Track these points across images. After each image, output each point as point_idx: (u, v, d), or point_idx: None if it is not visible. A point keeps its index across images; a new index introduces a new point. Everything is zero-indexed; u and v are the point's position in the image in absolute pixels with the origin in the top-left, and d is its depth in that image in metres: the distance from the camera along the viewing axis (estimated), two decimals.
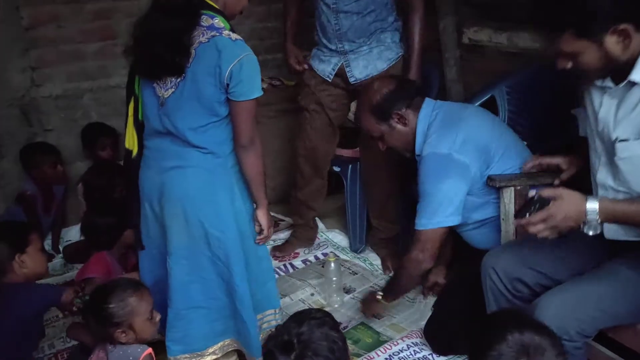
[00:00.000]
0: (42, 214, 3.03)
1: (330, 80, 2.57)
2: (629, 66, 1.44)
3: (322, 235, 3.09)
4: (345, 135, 2.86)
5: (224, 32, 1.69)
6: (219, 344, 1.93)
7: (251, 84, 1.70)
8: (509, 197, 1.94)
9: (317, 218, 3.07)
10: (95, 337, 1.78)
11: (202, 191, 1.80)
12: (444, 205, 1.94)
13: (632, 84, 1.45)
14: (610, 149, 1.55)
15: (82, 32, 3.21)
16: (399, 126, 2.10)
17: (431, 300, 2.43)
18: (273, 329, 2.00)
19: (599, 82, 1.54)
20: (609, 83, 1.51)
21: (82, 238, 2.61)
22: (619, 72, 1.47)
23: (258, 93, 1.72)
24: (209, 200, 1.80)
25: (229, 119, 1.77)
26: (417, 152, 2.08)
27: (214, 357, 1.93)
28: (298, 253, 2.97)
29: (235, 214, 1.85)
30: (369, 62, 2.50)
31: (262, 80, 3.49)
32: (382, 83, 2.13)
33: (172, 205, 1.80)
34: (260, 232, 1.93)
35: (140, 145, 1.87)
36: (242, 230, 1.87)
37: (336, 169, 2.89)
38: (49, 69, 3.18)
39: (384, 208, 2.75)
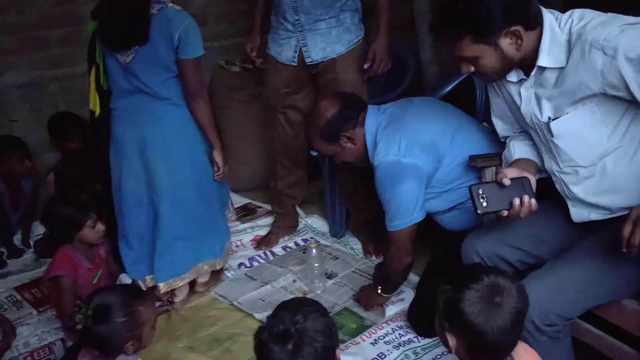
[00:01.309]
0: (10, 209, 2.93)
1: (295, 64, 2.49)
2: (529, 60, 1.57)
3: (301, 221, 3.06)
4: None
5: (168, 4, 2.10)
6: (196, 266, 2.37)
7: (196, 45, 2.12)
8: (490, 176, 1.93)
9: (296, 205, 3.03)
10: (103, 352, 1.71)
11: (179, 135, 2.22)
12: (405, 207, 2.01)
13: (542, 69, 1.57)
14: (545, 134, 1.63)
15: (45, 18, 3.10)
16: (349, 145, 2.15)
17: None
18: None
19: (514, 79, 1.65)
20: (522, 75, 1.63)
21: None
22: (525, 65, 1.61)
23: (199, 52, 2.14)
24: (185, 141, 2.24)
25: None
26: (370, 159, 2.12)
27: (190, 279, 2.39)
28: (277, 240, 2.94)
29: (205, 150, 2.32)
30: (327, 45, 2.44)
31: (234, 64, 3.48)
32: (327, 105, 2.15)
33: (156, 152, 2.21)
34: (218, 169, 2.35)
35: (106, 108, 2.26)
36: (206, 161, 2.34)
37: (314, 153, 2.84)
38: (11, 57, 3.08)
39: (355, 192, 2.73)
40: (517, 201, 1.58)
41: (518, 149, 1.78)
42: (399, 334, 2.18)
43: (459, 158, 2.02)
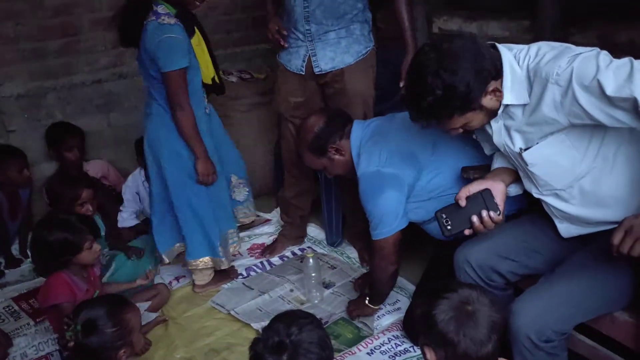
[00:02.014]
0: (8, 218, 2.94)
1: (303, 73, 2.52)
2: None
3: None
4: None
5: (160, 17, 2.19)
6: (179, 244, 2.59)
7: (167, 60, 2.21)
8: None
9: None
10: None
11: (161, 133, 2.36)
12: (387, 216, 2.06)
13: (507, 106, 1.61)
14: (520, 162, 1.66)
15: (43, 29, 3.11)
16: (337, 157, 2.23)
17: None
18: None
19: None
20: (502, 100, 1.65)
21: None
22: None
23: (174, 67, 2.21)
24: (165, 140, 2.36)
25: None
26: (357, 171, 2.18)
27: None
28: (283, 248, 2.96)
29: (185, 153, 2.37)
30: (336, 55, 2.46)
31: (231, 73, 3.49)
32: (313, 120, 2.25)
33: (147, 141, 2.43)
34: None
35: None
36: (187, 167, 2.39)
37: None
38: (9, 68, 3.08)
39: (352, 200, 2.74)
40: (474, 218, 1.65)
41: (499, 159, 1.82)
42: (395, 343, 2.19)
43: (439, 168, 2.06)
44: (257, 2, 3.61)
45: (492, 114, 1.63)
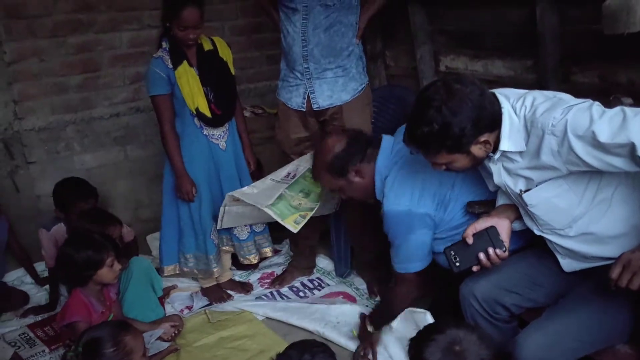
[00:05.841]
0: None
1: (304, 110, 2.62)
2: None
3: None
4: None
5: (158, 51, 2.48)
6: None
7: (147, 87, 2.54)
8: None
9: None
10: None
11: None
12: (415, 254, 2.08)
13: (504, 151, 1.68)
14: (520, 202, 1.73)
15: (65, 65, 3.24)
16: (357, 179, 2.19)
17: None
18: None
19: None
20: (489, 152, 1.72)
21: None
22: None
23: (149, 93, 2.52)
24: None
25: (173, 102, 2.53)
26: (377, 197, 2.17)
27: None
28: (293, 279, 2.99)
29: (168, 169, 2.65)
30: (334, 92, 2.57)
31: (245, 108, 3.60)
32: (334, 140, 2.21)
33: None
34: None
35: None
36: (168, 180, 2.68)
37: None
38: (31, 102, 3.20)
39: (363, 232, 2.79)
40: (481, 255, 1.71)
41: (504, 196, 1.87)
42: None
43: (460, 201, 2.06)
44: (270, 41, 3.74)
45: (478, 161, 1.72)
